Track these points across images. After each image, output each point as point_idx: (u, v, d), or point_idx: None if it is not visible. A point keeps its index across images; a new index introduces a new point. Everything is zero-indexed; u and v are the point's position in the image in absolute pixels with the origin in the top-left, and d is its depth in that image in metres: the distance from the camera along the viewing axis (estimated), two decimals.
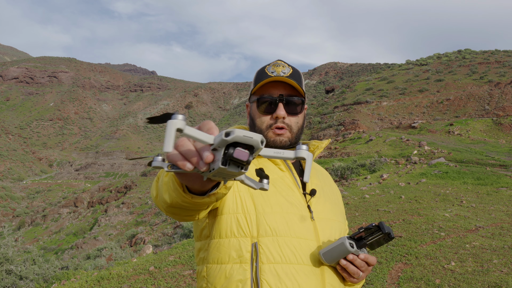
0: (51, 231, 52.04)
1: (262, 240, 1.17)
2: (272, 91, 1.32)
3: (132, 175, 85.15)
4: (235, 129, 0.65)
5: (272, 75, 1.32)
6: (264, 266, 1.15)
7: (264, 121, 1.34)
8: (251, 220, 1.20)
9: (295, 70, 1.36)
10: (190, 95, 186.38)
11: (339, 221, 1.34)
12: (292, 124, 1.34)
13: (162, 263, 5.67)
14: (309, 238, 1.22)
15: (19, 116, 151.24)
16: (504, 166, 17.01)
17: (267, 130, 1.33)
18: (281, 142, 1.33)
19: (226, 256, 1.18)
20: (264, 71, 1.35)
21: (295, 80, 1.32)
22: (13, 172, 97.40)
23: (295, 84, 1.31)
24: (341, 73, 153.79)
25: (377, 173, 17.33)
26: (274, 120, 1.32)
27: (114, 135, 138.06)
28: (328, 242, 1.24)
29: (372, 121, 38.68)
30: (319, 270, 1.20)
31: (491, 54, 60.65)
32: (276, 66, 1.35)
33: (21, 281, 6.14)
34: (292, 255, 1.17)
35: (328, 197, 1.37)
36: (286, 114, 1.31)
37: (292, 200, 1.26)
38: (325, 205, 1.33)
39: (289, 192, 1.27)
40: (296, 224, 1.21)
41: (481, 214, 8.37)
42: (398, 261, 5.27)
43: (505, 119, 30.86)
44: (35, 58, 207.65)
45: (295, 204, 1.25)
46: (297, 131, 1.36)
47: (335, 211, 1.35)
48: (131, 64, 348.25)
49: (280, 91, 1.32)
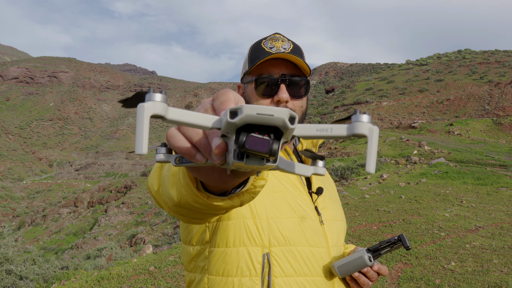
0: (51, 231, 52.04)
1: (274, 250, 1.02)
2: (272, 70, 1.13)
3: (132, 175, 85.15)
4: (244, 105, 0.43)
5: (271, 51, 1.12)
6: (277, 279, 1.00)
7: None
8: (262, 226, 1.03)
9: (296, 45, 1.17)
10: (190, 95, 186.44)
11: (342, 220, 1.23)
12: (296, 109, 1.15)
13: (162, 263, 5.67)
14: (321, 245, 1.09)
15: (19, 116, 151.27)
16: (504, 166, 17.01)
17: None
18: None
19: (234, 268, 1.01)
20: (260, 46, 1.15)
21: (297, 55, 1.13)
22: (13, 172, 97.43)
23: (299, 61, 1.11)
24: (341, 73, 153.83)
25: (377, 173, 17.33)
26: (275, 104, 1.12)
27: (114, 135, 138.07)
28: (335, 247, 1.14)
29: (372, 121, 38.71)
30: (330, 282, 1.08)
31: (491, 54, 60.66)
32: (275, 41, 1.15)
33: (21, 281, 6.14)
34: (306, 266, 1.04)
35: (330, 194, 1.24)
36: (289, 98, 1.12)
37: (301, 201, 1.11)
38: (330, 205, 1.19)
39: (296, 191, 1.12)
40: (308, 231, 1.07)
41: (481, 214, 8.37)
42: (398, 261, 5.27)
43: (505, 119, 30.87)
44: (35, 58, 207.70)
45: (304, 207, 1.10)
46: (301, 117, 1.18)
47: (338, 210, 1.23)
48: (131, 64, 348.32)
49: (282, 70, 1.13)
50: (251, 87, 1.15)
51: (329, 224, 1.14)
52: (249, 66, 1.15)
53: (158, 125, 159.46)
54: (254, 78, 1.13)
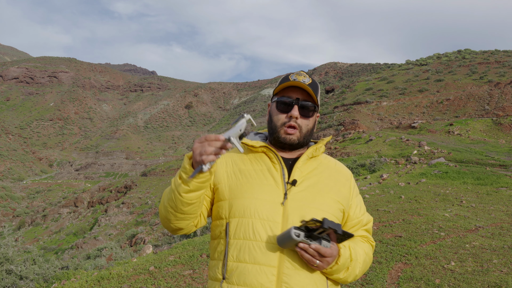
0: (51, 231, 52.03)
1: (231, 221, 1.47)
2: (291, 94, 1.54)
3: (132, 175, 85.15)
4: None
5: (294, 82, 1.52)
6: (231, 241, 1.45)
7: (279, 119, 1.55)
8: (227, 205, 1.49)
9: (314, 82, 1.57)
10: (190, 95, 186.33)
11: (324, 210, 1.48)
12: (302, 125, 1.54)
13: (162, 263, 5.67)
14: (276, 220, 1.43)
15: (19, 116, 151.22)
16: (504, 166, 17.01)
17: (281, 127, 1.54)
18: (290, 140, 1.54)
19: (217, 234, 1.53)
20: (287, 77, 1.56)
21: (312, 88, 1.53)
22: (13, 172, 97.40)
23: (311, 91, 1.52)
24: (341, 73, 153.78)
25: (377, 173, 17.33)
26: (288, 118, 1.52)
27: (114, 135, 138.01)
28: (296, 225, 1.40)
29: (372, 121, 38.68)
30: (277, 248, 1.40)
31: (491, 54, 60.65)
32: (299, 75, 1.56)
33: (21, 281, 6.14)
34: (252, 233, 1.42)
35: (320, 189, 1.52)
36: (299, 115, 1.52)
37: (267, 188, 1.48)
38: (309, 195, 1.49)
39: (268, 181, 1.49)
40: (262, 208, 1.44)
41: (481, 214, 8.37)
42: (398, 261, 5.28)
43: (505, 119, 30.87)
44: (35, 58, 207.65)
45: (269, 191, 1.47)
46: (306, 132, 1.56)
47: (323, 202, 1.49)
48: (131, 64, 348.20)
49: (298, 95, 1.53)
50: (274, 105, 1.58)
51: (295, 207, 1.45)
52: (275, 89, 1.58)
53: (158, 125, 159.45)
54: (277, 98, 1.56)
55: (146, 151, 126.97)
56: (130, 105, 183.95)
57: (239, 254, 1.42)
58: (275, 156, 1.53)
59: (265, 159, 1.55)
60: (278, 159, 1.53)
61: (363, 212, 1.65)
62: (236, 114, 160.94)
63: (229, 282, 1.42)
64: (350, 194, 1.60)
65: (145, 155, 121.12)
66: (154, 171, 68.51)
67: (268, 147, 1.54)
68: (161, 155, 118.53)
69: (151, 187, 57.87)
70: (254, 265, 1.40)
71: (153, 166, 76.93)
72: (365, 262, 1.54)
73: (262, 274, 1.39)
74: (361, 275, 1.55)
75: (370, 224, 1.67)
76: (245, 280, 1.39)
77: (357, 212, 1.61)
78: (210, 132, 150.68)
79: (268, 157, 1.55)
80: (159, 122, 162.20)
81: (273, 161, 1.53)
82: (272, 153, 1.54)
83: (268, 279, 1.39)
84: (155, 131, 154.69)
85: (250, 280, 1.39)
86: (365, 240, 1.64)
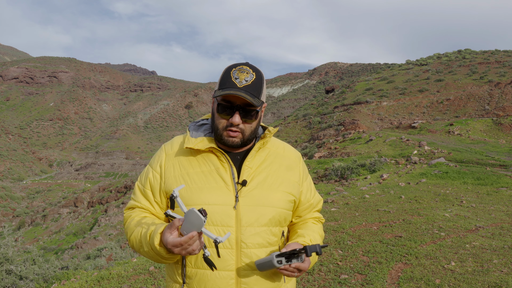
0: (51, 231, 52.02)
1: None
2: (232, 98, 1.45)
3: (132, 175, 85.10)
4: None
5: (236, 82, 1.44)
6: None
7: (221, 123, 1.49)
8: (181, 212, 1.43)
9: (257, 76, 1.47)
10: (190, 95, 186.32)
11: (272, 206, 1.50)
12: (246, 129, 1.49)
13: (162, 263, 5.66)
14: (230, 225, 1.44)
15: (19, 116, 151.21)
16: (504, 166, 17.01)
17: (223, 130, 1.49)
18: (233, 143, 1.49)
19: None
20: (229, 74, 1.47)
21: (254, 90, 1.45)
22: (13, 172, 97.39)
23: (250, 99, 1.42)
24: (341, 73, 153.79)
25: (377, 173, 17.33)
26: (230, 123, 1.47)
27: (114, 135, 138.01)
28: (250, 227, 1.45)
29: (372, 121, 38.67)
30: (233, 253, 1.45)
31: (491, 54, 60.62)
32: (241, 72, 1.46)
33: (21, 281, 6.14)
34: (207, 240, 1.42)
35: (271, 184, 1.52)
36: (240, 121, 1.46)
37: (217, 191, 1.46)
38: (260, 193, 1.49)
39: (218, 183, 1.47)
40: (214, 214, 1.43)
41: (481, 214, 8.36)
42: (398, 261, 5.27)
43: (505, 119, 30.86)
44: (35, 58, 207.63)
45: (219, 195, 1.45)
46: (250, 134, 1.51)
47: (270, 197, 1.50)
48: (131, 64, 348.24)
49: (239, 100, 1.45)
50: (216, 106, 1.50)
51: (247, 209, 1.46)
52: (216, 90, 1.49)
53: (158, 125, 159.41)
54: (217, 102, 1.48)
55: (146, 151, 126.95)
56: (130, 105, 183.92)
57: (196, 261, 1.46)
58: (223, 155, 1.51)
59: (213, 158, 1.52)
60: (226, 158, 1.51)
61: (313, 194, 1.69)
62: None
63: (190, 287, 1.47)
64: (300, 179, 1.62)
65: (145, 155, 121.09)
66: None
67: (215, 147, 1.51)
68: None
69: None
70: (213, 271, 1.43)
71: None
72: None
73: (221, 279, 1.43)
74: None
75: (320, 204, 1.74)
76: (205, 286, 1.44)
77: (308, 195, 1.65)
78: None
79: (216, 155, 1.52)
80: (159, 122, 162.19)
81: (221, 159, 1.50)
82: (220, 152, 1.51)
83: (227, 283, 1.43)
84: (155, 131, 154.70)
85: (210, 285, 1.44)
86: (316, 220, 1.70)
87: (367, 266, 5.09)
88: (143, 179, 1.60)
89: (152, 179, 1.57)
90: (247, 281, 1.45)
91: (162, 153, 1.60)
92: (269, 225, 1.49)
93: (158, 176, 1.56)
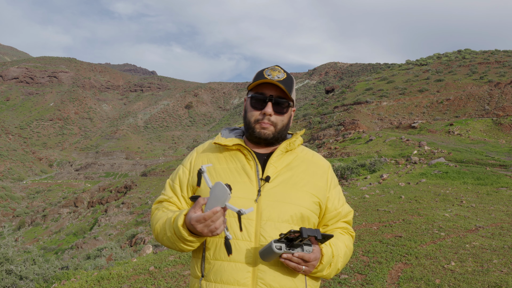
0: (51, 231, 52.01)
1: None
2: (265, 91, 1.54)
3: (132, 175, 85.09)
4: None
5: (268, 78, 1.51)
6: (207, 239, 1.48)
7: (253, 115, 1.55)
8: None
9: (289, 76, 1.56)
10: (190, 95, 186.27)
11: (298, 204, 1.51)
12: (277, 121, 1.54)
13: (162, 263, 5.67)
14: (250, 217, 1.46)
15: (19, 116, 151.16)
16: (504, 166, 17.01)
17: (255, 123, 1.54)
18: (265, 135, 1.54)
19: None
20: (262, 73, 1.55)
21: (286, 85, 1.52)
22: (13, 172, 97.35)
23: (284, 88, 1.50)
24: (341, 73, 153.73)
25: (377, 173, 17.33)
26: (262, 115, 1.53)
27: (114, 135, 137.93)
28: (270, 221, 1.46)
29: (372, 121, 38.67)
30: (251, 245, 1.44)
31: (491, 54, 60.60)
32: (273, 70, 1.55)
33: (21, 281, 6.14)
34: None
35: (295, 183, 1.54)
36: (273, 112, 1.52)
37: (241, 185, 1.49)
38: (282, 190, 1.51)
39: (242, 178, 1.51)
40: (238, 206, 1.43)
41: (481, 214, 8.36)
42: (398, 261, 5.27)
43: (505, 119, 30.85)
44: (35, 58, 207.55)
45: (242, 189, 1.49)
46: (281, 128, 1.56)
47: (296, 196, 1.51)
48: (131, 64, 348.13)
49: (271, 92, 1.53)
50: (249, 101, 1.58)
51: (269, 204, 1.48)
52: (250, 85, 1.57)
53: (158, 125, 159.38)
54: (251, 94, 1.56)
55: (146, 151, 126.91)
56: (130, 105, 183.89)
57: (215, 252, 1.47)
58: (249, 153, 1.55)
59: (240, 156, 1.56)
60: (252, 156, 1.55)
61: (342, 203, 1.67)
62: (236, 114, 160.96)
63: (207, 279, 1.47)
64: (327, 186, 1.62)
65: (145, 155, 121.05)
66: (154, 171, 68.48)
67: (242, 145, 1.55)
68: (161, 155, 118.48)
69: (151, 187, 57.84)
70: (230, 263, 1.44)
71: (153, 166, 76.90)
72: (346, 255, 1.58)
73: (237, 271, 1.43)
74: (342, 268, 1.59)
75: (350, 216, 1.70)
76: (221, 277, 1.44)
77: (336, 203, 1.63)
78: (210, 132, 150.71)
79: (243, 154, 1.56)
80: (159, 122, 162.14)
81: (248, 157, 1.55)
82: (246, 150, 1.55)
83: (243, 276, 1.43)
84: (155, 131, 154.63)
85: (226, 277, 1.44)
86: (345, 231, 1.67)
87: (367, 266, 5.10)
88: (174, 175, 1.69)
89: (182, 175, 1.65)
90: (263, 276, 1.44)
91: (193, 152, 1.70)
92: (290, 222, 1.49)
93: (187, 171, 1.64)
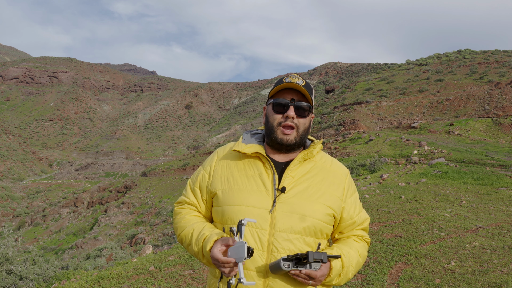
0: (51, 231, 52.00)
1: (225, 226, 1.56)
2: (286, 96, 1.58)
3: (132, 175, 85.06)
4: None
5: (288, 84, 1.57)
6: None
7: (276, 119, 1.57)
8: (220, 211, 1.58)
9: (307, 83, 1.61)
10: (190, 95, 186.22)
11: (312, 217, 1.52)
12: (299, 124, 1.57)
13: (162, 263, 5.67)
14: (264, 228, 1.49)
15: (19, 116, 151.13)
16: (504, 166, 17.00)
17: (277, 127, 1.56)
18: (287, 141, 1.56)
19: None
20: (282, 80, 1.60)
21: (306, 89, 1.57)
22: (13, 172, 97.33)
23: (305, 91, 1.56)
24: (341, 73, 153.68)
25: (377, 173, 17.32)
26: (284, 118, 1.56)
27: (114, 135, 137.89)
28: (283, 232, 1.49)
29: (372, 121, 38.66)
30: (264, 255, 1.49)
31: (491, 54, 60.58)
32: (292, 77, 1.59)
33: (21, 281, 6.14)
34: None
35: (310, 195, 1.55)
36: (295, 115, 1.56)
37: (257, 195, 1.53)
38: (297, 201, 1.53)
39: (259, 187, 1.54)
40: (250, 215, 1.49)
41: (481, 214, 8.36)
42: (398, 261, 5.27)
43: (505, 119, 30.84)
44: (35, 58, 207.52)
45: (258, 199, 1.52)
46: (303, 132, 1.59)
47: (311, 209, 1.53)
48: (131, 64, 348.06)
49: (293, 96, 1.58)
50: (270, 107, 1.61)
51: (283, 215, 1.51)
52: (270, 91, 1.62)
53: (158, 125, 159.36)
54: (272, 100, 1.60)
55: (146, 151, 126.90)
56: (130, 105, 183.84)
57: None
58: (268, 162, 1.57)
59: (258, 164, 1.59)
60: (270, 165, 1.57)
61: (358, 211, 1.67)
62: (236, 114, 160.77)
63: (223, 282, 1.54)
64: (343, 195, 1.63)
65: (145, 155, 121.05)
66: (154, 171, 68.45)
67: (261, 153, 1.58)
68: (161, 155, 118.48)
69: (151, 187, 57.81)
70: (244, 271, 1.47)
71: (153, 166, 76.88)
72: (358, 263, 1.61)
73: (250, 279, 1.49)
74: (354, 275, 1.64)
75: (366, 223, 1.71)
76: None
77: (351, 213, 1.64)
78: (210, 132, 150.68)
79: (262, 161, 1.59)
80: (159, 122, 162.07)
81: (266, 165, 1.57)
82: (265, 158, 1.58)
83: (255, 284, 1.48)
84: (155, 131, 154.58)
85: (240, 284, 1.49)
86: (359, 238, 1.68)
87: (367, 266, 5.09)
88: (194, 178, 1.73)
89: (201, 178, 1.69)
90: (274, 284, 1.48)
91: (214, 156, 1.72)
92: (303, 234, 1.51)
93: (207, 175, 1.68)
